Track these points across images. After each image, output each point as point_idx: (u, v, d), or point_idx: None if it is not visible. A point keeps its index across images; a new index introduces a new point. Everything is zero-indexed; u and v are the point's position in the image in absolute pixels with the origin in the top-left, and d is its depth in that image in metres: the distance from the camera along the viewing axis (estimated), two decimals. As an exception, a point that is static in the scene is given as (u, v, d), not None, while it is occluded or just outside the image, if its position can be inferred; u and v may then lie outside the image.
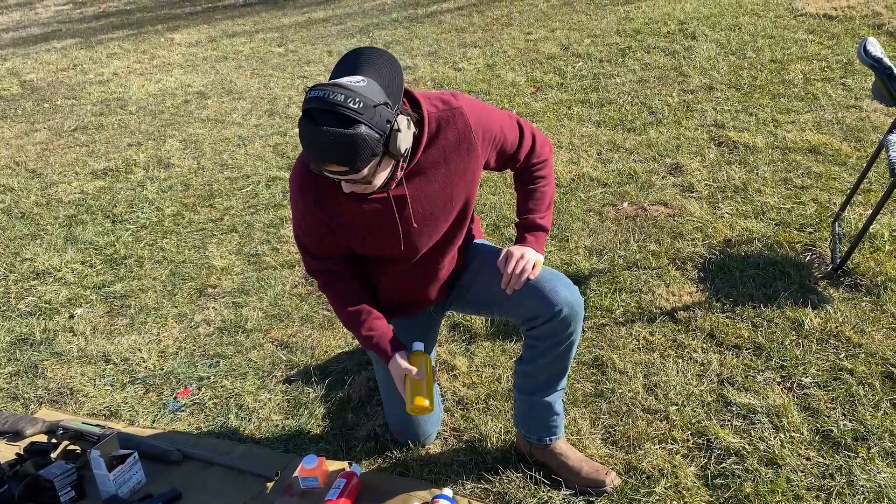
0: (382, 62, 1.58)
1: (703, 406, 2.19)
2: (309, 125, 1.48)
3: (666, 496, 1.88)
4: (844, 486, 1.86)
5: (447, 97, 1.74)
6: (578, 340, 1.89)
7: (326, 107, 1.46)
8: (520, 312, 1.87)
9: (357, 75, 1.54)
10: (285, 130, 5.02)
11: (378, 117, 1.49)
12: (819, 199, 3.28)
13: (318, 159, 1.51)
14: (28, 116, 5.94)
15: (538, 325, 1.83)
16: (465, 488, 1.98)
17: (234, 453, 2.22)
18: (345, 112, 1.45)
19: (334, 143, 1.46)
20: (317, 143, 1.48)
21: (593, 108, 4.75)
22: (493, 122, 1.79)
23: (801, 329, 2.47)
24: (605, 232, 3.25)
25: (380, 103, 1.50)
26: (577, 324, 1.83)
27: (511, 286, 1.81)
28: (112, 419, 2.44)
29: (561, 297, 1.80)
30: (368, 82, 1.51)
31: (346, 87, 1.47)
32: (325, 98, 1.46)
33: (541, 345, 1.86)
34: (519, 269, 1.80)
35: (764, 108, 4.39)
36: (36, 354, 2.83)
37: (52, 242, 3.73)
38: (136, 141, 5.11)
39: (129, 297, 3.17)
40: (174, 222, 3.84)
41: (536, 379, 1.93)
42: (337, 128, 1.46)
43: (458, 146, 1.74)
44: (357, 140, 1.47)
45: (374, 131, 1.48)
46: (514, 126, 1.85)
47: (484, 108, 1.79)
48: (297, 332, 2.80)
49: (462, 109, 1.72)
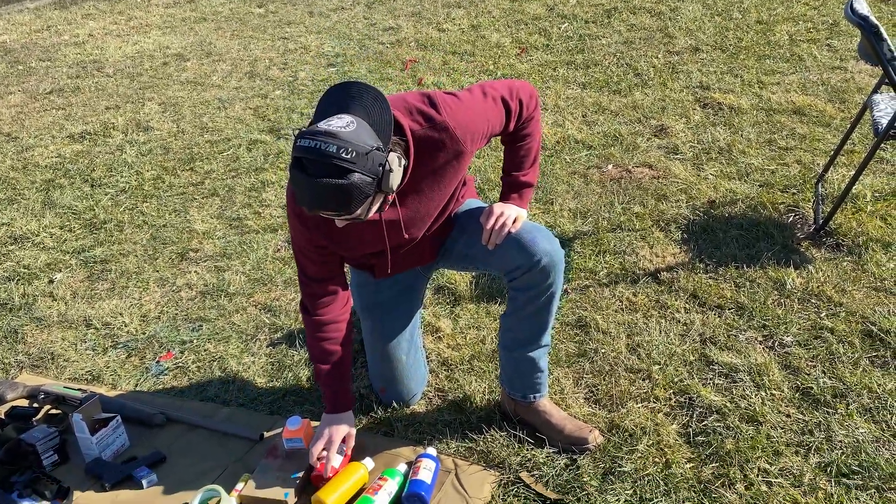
0: (370, 99, 1.55)
1: (685, 365, 2.21)
2: (302, 176, 1.47)
3: (648, 454, 1.90)
4: (823, 441, 1.89)
5: (428, 110, 1.67)
6: (559, 293, 1.89)
7: (319, 158, 1.44)
8: (501, 264, 1.88)
9: (345, 115, 1.51)
10: (266, 93, 4.94)
11: (370, 163, 1.48)
12: (803, 161, 3.28)
13: (312, 207, 1.52)
14: (1, 79, 5.80)
15: (518, 276, 1.84)
16: (450, 447, 1.99)
17: (217, 416, 2.21)
18: (338, 163, 1.44)
19: (328, 193, 1.47)
20: (310, 194, 1.48)
21: (579, 70, 4.71)
22: (478, 121, 1.75)
23: (783, 289, 2.48)
24: (589, 194, 3.24)
25: (372, 148, 1.48)
26: (556, 274, 1.84)
27: (492, 241, 1.83)
28: (94, 383, 2.43)
29: (540, 247, 1.81)
30: (358, 124, 1.49)
31: (338, 136, 1.45)
32: (318, 150, 1.44)
33: (522, 296, 1.87)
34: (499, 225, 1.82)
35: (749, 69, 4.36)
36: (15, 319, 2.79)
37: (29, 207, 3.67)
38: (114, 104, 5.01)
39: (109, 262, 3.13)
40: (154, 186, 3.78)
41: (520, 333, 1.94)
42: (330, 178, 1.45)
43: (447, 162, 1.73)
44: (351, 189, 1.47)
45: (367, 176, 1.48)
46: (500, 109, 1.80)
47: (467, 107, 1.73)
48: (280, 296, 2.78)
49: (446, 124, 1.67)
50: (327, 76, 5.16)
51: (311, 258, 1.85)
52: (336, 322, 1.91)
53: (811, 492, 1.75)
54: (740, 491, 1.77)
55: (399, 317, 2.07)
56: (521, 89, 1.85)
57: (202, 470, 2.01)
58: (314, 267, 1.87)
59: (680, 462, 1.87)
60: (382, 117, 1.55)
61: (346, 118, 1.50)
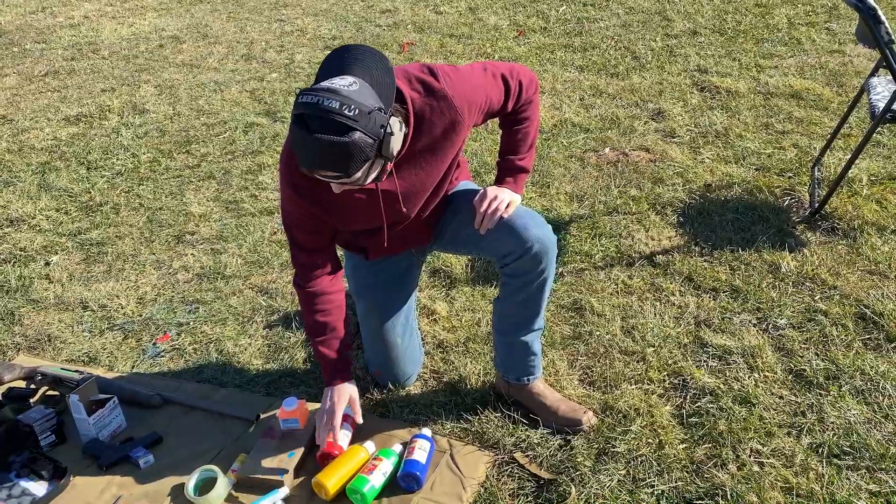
0: (373, 61, 1.53)
1: (679, 347, 2.22)
2: (302, 132, 1.44)
3: (642, 434, 1.92)
4: (815, 422, 1.91)
5: (427, 78, 1.66)
6: (552, 279, 1.90)
7: (321, 114, 1.41)
8: (494, 249, 1.88)
9: (347, 76, 1.48)
10: (262, 76, 4.92)
11: (372, 123, 1.45)
12: (799, 144, 3.28)
13: (311, 166, 1.49)
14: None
15: (511, 262, 1.85)
16: (445, 428, 2.00)
17: (214, 397, 2.22)
18: (340, 119, 1.41)
19: (329, 151, 1.43)
20: (311, 151, 1.45)
21: (576, 53, 4.69)
22: (477, 93, 1.74)
23: (777, 272, 2.49)
24: (586, 178, 3.24)
25: (374, 108, 1.46)
26: (548, 261, 1.84)
27: (484, 226, 1.83)
28: (91, 365, 2.43)
29: (532, 234, 1.81)
30: (360, 85, 1.47)
31: (340, 92, 1.43)
32: (320, 105, 1.41)
33: (514, 282, 1.88)
34: (491, 209, 1.81)
35: (747, 52, 4.35)
36: (12, 301, 2.80)
37: (25, 189, 3.66)
38: (110, 86, 4.98)
39: (105, 245, 3.13)
40: (150, 169, 3.77)
41: (513, 318, 1.94)
42: (332, 135, 1.42)
43: (445, 132, 1.71)
44: (351, 147, 1.44)
45: (368, 137, 1.45)
46: (500, 86, 1.80)
47: (467, 79, 1.72)
48: (276, 279, 2.78)
49: (445, 92, 1.66)
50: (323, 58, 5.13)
51: (303, 227, 1.81)
52: (328, 293, 1.89)
53: (803, 472, 1.77)
54: (732, 471, 1.79)
55: (394, 299, 2.08)
56: (521, 72, 1.84)
57: (199, 451, 2.02)
58: (304, 236, 1.84)
59: (673, 443, 1.88)
60: (385, 80, 1.52)
61: (349, 78, 1.47)
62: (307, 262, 1.88)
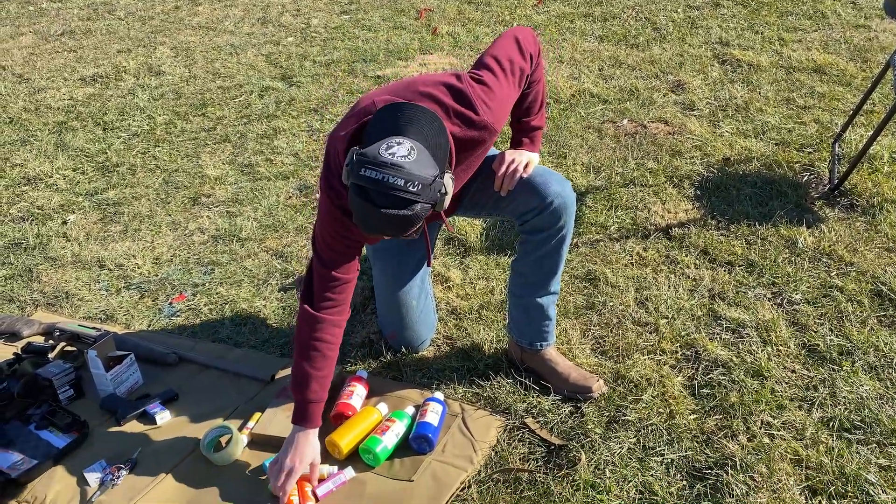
0: (426, 123, 1.51)
1: (692, 320, 2.22)
2: (366, 205, 1.44)
3: (653, 404, 1.93)
4: (827, 397, 1.91)
5: (466, 113, 1.63)
6: (570, 238, 1.91)
7: (386, 190, 1.42)
8: (513, 208, 1.89)
9: (404, 140, 1.46)
10: (278, 40, 4.88)
11: (433, 192, 1.47)
12: (821, 120, 3.24)
13: (370, 232, 1.51)
14: (13, 20, 5.75)
15: (530, 219, 1.86)
16: (457, 392, 2.02)
17: (229, 357, 2.25)
18: (404, 196, 1.43)
19: (391, 223, 1.46)
20: (373, 221, 1.47)
21: (596, 23, 4.63)
22: (508, 106, 1.75)
23: (794, 247, 2.48)
24: (603, 149, 3.22)
25: (434, 178, 1.46)
26: (568, 217, 1.85)
27: (504, 187, 1.85)
28: (108, 323, 2.46)
29: (552, 189, 1.82)
30: (419, 152, 1.46)
31: (403, 168, 1.42)
32: (385, 182, 1.42)
33: (533, 239, 1.89)
34: (511, 170, 1.83)
35: (770, 25, 4.28)
36: (30, 259, 2.83)
37: (42, 149, 3.67)
38: (126, 47, 4.97)
39: (122, 205, 3.14)
40: (166, 131, 3.77)
41: (530, 277, 1.95)
42: (395, 210, 1.44)
43: (482, 149, 1.72)
44: (413, 218, 1.46)
45: (427, 204, 1.47)
46: (519, 83, 1.78)
47: (498, 97, 1.69)
48: (291, 243, 2.79)
49: (485, 123, 1.65)
50: (340, 23, 5.09)
51: (336, 250, 1.76)
52: (335, 326, 1.79)
53: (813, 445, 1.78)
54: (742, 442, 1.80)
55: (410, 262, 2.08)
56: (526, 42, 1.79)
57: (214, 408, 2.05)
58: (335, 255, 1.76)
59: (684, 413, 1.90)
60: (439, 141, 1.52)
61: (407, 144, 1.46)
62: (326, 276, 1.76)
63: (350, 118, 1.64)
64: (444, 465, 1.80)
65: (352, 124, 1.61)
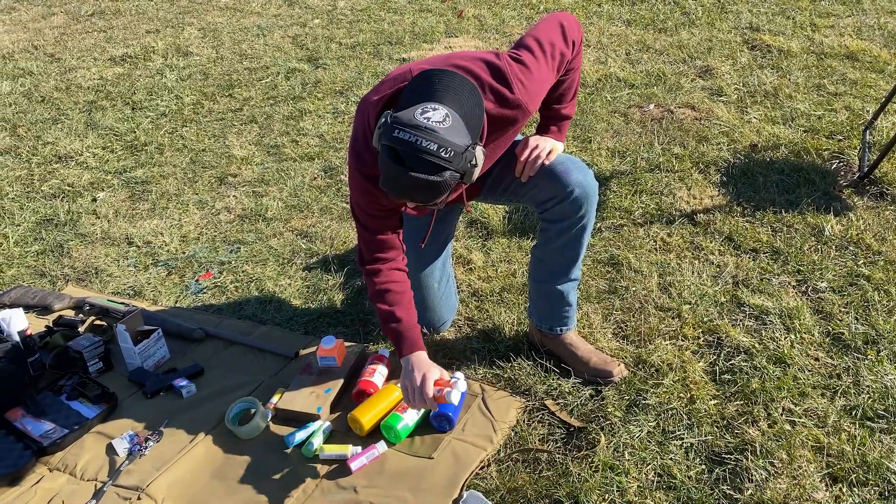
0: (464, 92, 1.50)
1: (715, 306, 2.21)
2: (396, 167, 1.44)
3: (673, 389, 1.93)
4: (850, 385, 1.90)
5: (501, 89, 1.62)
6: (591, 227, 1.90)
7: (417, 153, 1.42)
8: (534, 196, 1.88)
9: (439, 107, 1.45)
10: (305, 21, 4.90)
11: (464, 161, 1.46)
12: (852, 107, 3.19)
13: (398, 196, 1.50)
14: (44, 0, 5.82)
15: (551, 207, 1.85)
16: (478, 373, 2.04)
17: (254, 334, 2.28)
18: (435, 161, 1.42)
19: (420, 187, 1.45)
20: (401, 184, 1.46)
21: (624, 7, 4.58)
22: (545, 88, 1.73)
23: (821, 235, 2.45)
24: (629, 134, 3.20)
25: (467, 147, 1.45)
26: (589, 206, 1.83)
27: (525, 173, 1.84)
28: (136, 298, 2.51)
29: (573, 178, 1.80)
30: (453, 120, 1.45)
31: (437, 132, 1.42)
32: (417, 145, 1.41)
33: (554, 227, 1.88)
34: (533, 157, 1.82)
35: (803, 11, 4.21)
36: (61, 235, 2.88)
37: (72, 127, 3.73)
38: (155, 28, 5.02)
39: (150, 183, 3.19)
40: (194, 111, 3.81)
41: (550, 265, 1.95)
42: (425, 174, 1.43)
43: (513, 128, 1.72)
44: (441, 185, 1.45)
45: (457, 173, 1.46)
46: (558, 67, 1.76)
47: (536, 79, 1.68)
48: (316, 223, 2.82)
49: (519, 101, 1.64)
50: (366, 6, 5.09)
51: (373, 215, 1.80)
52: (396, 270, 1.85)
53: (835, 433, 1.77)
54: (763, 428, 1.80)
55: (431, 244, 2.09)
56: (570, 29, 1.78)
57: (239, 383, 2.09)
58: (375, 221, 1.81)
59: (704, 398, 1.89)
60: (475, 112, 1.51)
61: (442, 110, 1.45)
62: (371, 240, 1.83)
63: (384, 84, 1.64)
64: (465, 444, 1.82)
65: (385, 89, 1.61)
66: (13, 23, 5.41)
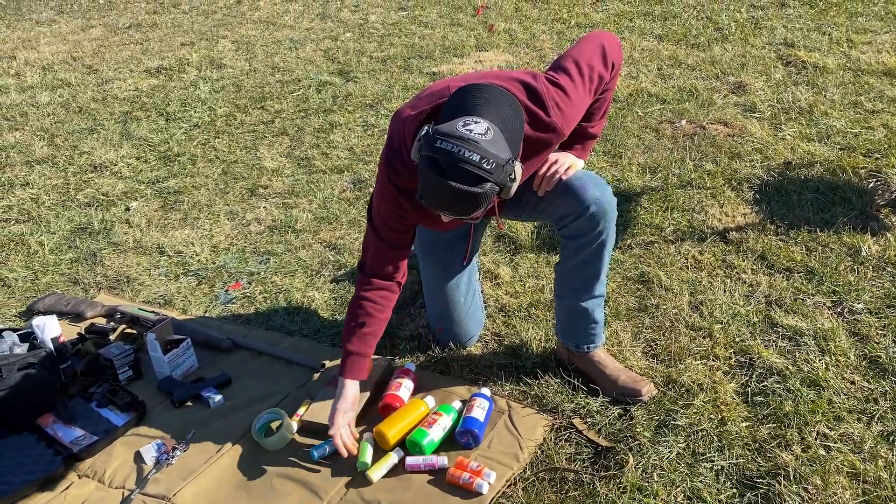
0: (505, 105, 1.51)
1: (748, 326, 2.17)
2: (436, 177, 1.44)
3: (704, 410, 1.89)
4: (888, 410, 1.85)
5: (538, 112, 1.62)
6: (611, 244, 1.87)
7: (459, 163, 1.42)
8: (552, 212, 1.87)
9: (481, 120, 1.45)
10: (336, 35, 4.95)
11: (504, 175, 1.46)
12: (889, 125, 3.13)
13: (436, 207, 1.50)
14: (84, 12, 5.96)
15: (568, 224, 1.83)
16: (504, 389, 2.02)
17: (282, 345, 2.29)
18: (477, 172, 1.42)
19: (459, 198, 1.45)
20: (441, 195, 1.46)
21: (656, 22, 4.55)
22: (580, 112, 1.72)
23: (857, 255, 2.40)
24: (660, 149, 3.17)
25: (508, 160, 1.46)
26: (606, 223, 1.81)
27: (542, 187, 1.83)
28: (166, 307, 2.54)
29: (589, 194, 1.79)
30: (494, 133, 1.45)
31: (479, 144, 1.42)
32: (459, 155, 1.42)
33: (572, 244, 1.86)
34: (551, 172, 1.81)
35: (839, 27, 4.15)
36: (94, 243, 2.93)
37: (108, 137, 3.80)
38: (189, 40, 5.10)
39: (182, 193, 3.23)
40: (226, 122, 3.86)
41: (571, 282, 1.93)
42: (466, 185, 1.43)
43: (547, 150, 1.72)
44: (480, 197, 1.45)
45: (496, 186, 1.46)
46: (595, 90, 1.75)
47: (573, 104, 1.67)
48: (344, 235, 2.83)
49: (555, 125, 1.64)
50: (398, 20, 5.13)
51: (392, 227, 1.81)
52: (384, 290, 1.87)
53: (871, 459, 1.72)
54: (797, 453, 1.75)
55: (457, 257, 2.08)
56: (611, 51, 1.76)
57: (266, 394, 2.10)
58: (391, 234, 1.83)
59: (736, 420, 1.86)
60: (515, 126, 1.51)
61: (483, 123, 1.45)
62: (379, 250, 1.85)
63: (421, 99, 1.65)
64: (490, 462, 1.80)
65: (424, 105, 1.61)
66: (53, 35, 5.54)
